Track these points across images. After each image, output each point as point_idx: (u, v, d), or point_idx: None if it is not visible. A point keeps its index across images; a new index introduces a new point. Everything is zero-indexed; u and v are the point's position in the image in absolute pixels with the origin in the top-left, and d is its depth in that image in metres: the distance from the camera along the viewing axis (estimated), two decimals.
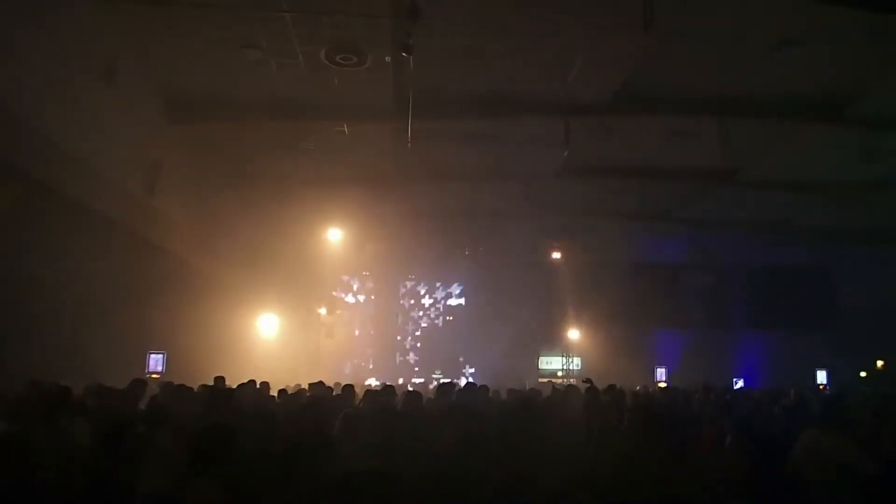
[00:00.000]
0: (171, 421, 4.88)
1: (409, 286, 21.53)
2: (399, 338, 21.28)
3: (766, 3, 7.88)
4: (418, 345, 21.41)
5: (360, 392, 8.57)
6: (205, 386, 8.04)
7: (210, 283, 14.56)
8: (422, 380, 19.32)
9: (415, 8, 7.80)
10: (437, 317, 21.68)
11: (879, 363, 19.66)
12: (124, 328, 10.98)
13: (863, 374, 19.54)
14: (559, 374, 20.85)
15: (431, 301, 21.68)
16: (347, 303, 20.83)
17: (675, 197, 16.54)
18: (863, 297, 19.45)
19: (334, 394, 8.73)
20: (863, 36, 8.32)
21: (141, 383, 7.40)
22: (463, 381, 15.44)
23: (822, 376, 19.74)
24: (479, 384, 9.44)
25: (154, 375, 13.19)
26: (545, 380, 19.50)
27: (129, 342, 11.73)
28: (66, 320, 10.89)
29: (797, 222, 18.27)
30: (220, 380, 8.39)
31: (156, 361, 13.72)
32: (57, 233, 9.21)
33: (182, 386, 7.52)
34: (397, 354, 20.98)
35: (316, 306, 19.26)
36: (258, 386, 8.94)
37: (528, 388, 11.58)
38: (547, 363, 21.45)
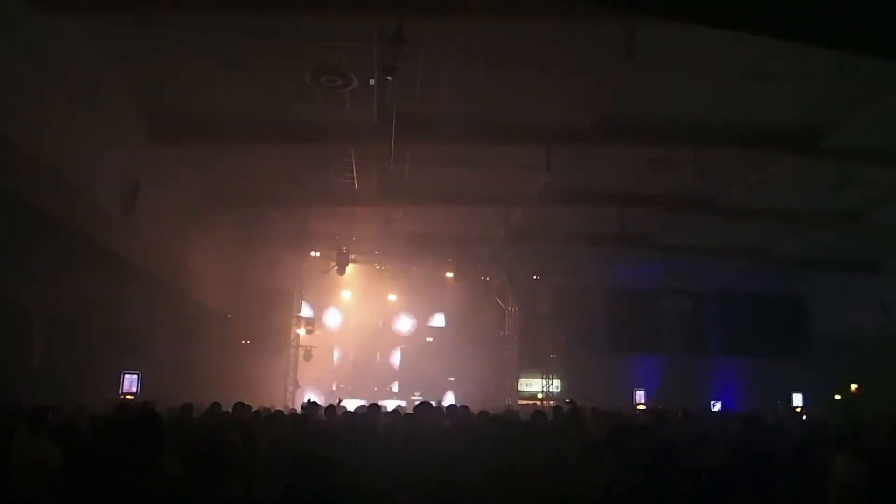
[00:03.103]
0: None
1: (390, 308, 21.43)
2: (378, 359, 21.14)
3: (741, 38, 8.08)
4: (397, 367, 21.28)
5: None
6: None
7: (188, 303, 14.41)
8: (401, 402, 19.19)
9: (400, 33, 7.88)
10: (417, 338, 21.59)
11: (853, 387, 19.96)
12: (98, 347, 10.81)
13: (837, 396, 19.81)
14: (539, 395, 20.84)
15: (412, 323, 21.60)
16: (326, 325, 20.67)
17: (654, 223, 16.76)
18: (835, 324, 19.80)
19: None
20: (834, 71, 8.56)
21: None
22: (445, 403, 15.35)
23: (797, 399, 20.01)
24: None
25: (129, 396, 12.97)
26: (526, 402, 19.48)
27: (104, 361, 11.54)
28: (39, 338, 10.70)
29: (772, 250, 18.59)
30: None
31: (130, 382, 13.48)
32: (32, 250, 9.08)
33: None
34: (377, 376, 20.80)
35: (294, 328, 19.13)
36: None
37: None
38: (527, 385, 21.42)
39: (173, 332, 13.01)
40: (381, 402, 11.04)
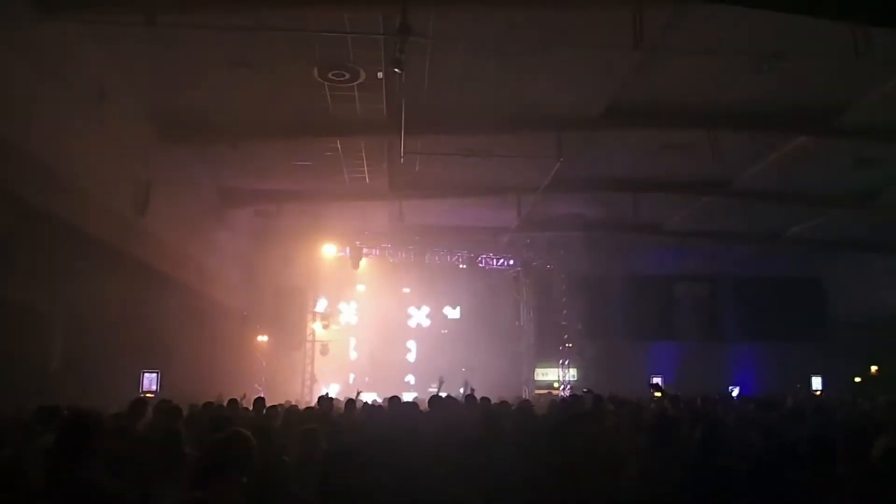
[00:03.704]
0: None
1: (405, 301, 21.46)
2: (395, 352, 21.18)
3: (752, 18, 7.96)
4: (414, 359, 21.31)
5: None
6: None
7: (203, 301, 14.50)
8: (416, 394, 19.23)
9: (406, 25, 7.83)
10: (433, 330, 21.60)
11: (874, 368, 19.78)
12: (117, 348, 10.90)
13: (857, 379, 19.63)
14: (555, 385, 20.80)
15: (427, 315, 21.61)
16: (342, 319, 20.73)
17: (667, 209, 16.62)
18: (854, 306, 19.58)
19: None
20: (848, 48, 8.40)
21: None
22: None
23: (817, 382, 19.87)
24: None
25: (148, 394, 13.10)
26: (542, 391, 19.46)
27: (123, 362, 11.65)
28: (56, 341, 10.80)
29: (788, 233, 18.38)
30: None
31: (150, 380, 13.62)
32: (47, 254, 9.15)
33: None
34: (393, 369, 20.86)
35: (311, 323, 19.21)
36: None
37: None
38: (543, 374, 21.39)
39: (191, 331, 13.09)
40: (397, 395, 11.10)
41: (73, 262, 9.50)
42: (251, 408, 8.67)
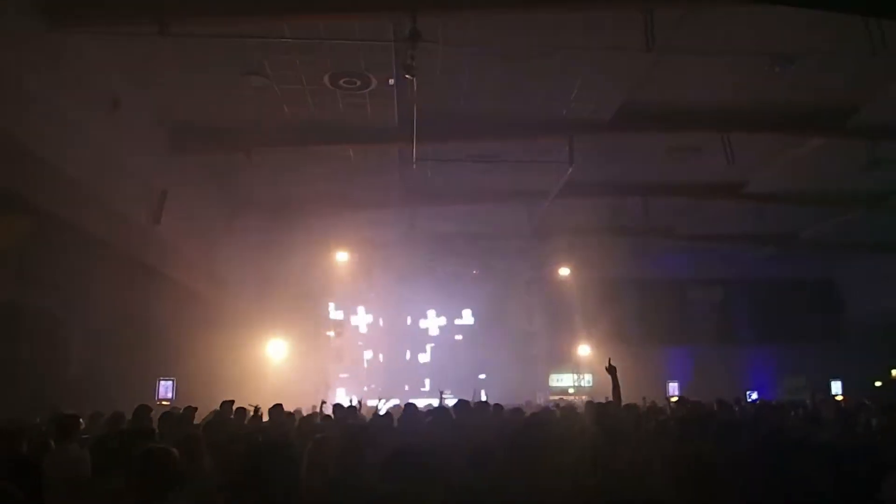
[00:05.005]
0: None
1: (417, 307, 21.47)
2: (409, 359, 21.20)
3: (763, 18, 7.94)
4: (428, 366, 21.31)
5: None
6: None
7: (217, 309, 14.59)
8: (433, 401, 19.21)
9: (416, 31, 7.88)
10: (446, 337, 21.60)
11: (894, 372, 19.50)
12: (133, 356, 10.99)
13: (878, 383, 19.36)
14: (570, 390, 20.72)
15: (441, 322, 21.62)
16: (355, 326, 20.77)
17: (679, 212, 16.53)
18: (870, 308, 19.35)
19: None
20: (862, 46, 8.35)
21: None
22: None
23: (836, 386, 19.59)
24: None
25: (164, 402, 13.18)
26: (556, 397, 19.38)
27: (139, 369, 11.73)
28: (74, 349, 10.91)
29: (802, 234, 18.23)
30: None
31: (165, 388, 13.70)
32: (64, 263, 9.27)
33: None
34: (407, 375, 20.88)
35: (324, 330, 19.25)
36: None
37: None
38: (558, 380, 21.31)
39: (206, 338, 13.16)
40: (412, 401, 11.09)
41: (91, 269, 9.60)
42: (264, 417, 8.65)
